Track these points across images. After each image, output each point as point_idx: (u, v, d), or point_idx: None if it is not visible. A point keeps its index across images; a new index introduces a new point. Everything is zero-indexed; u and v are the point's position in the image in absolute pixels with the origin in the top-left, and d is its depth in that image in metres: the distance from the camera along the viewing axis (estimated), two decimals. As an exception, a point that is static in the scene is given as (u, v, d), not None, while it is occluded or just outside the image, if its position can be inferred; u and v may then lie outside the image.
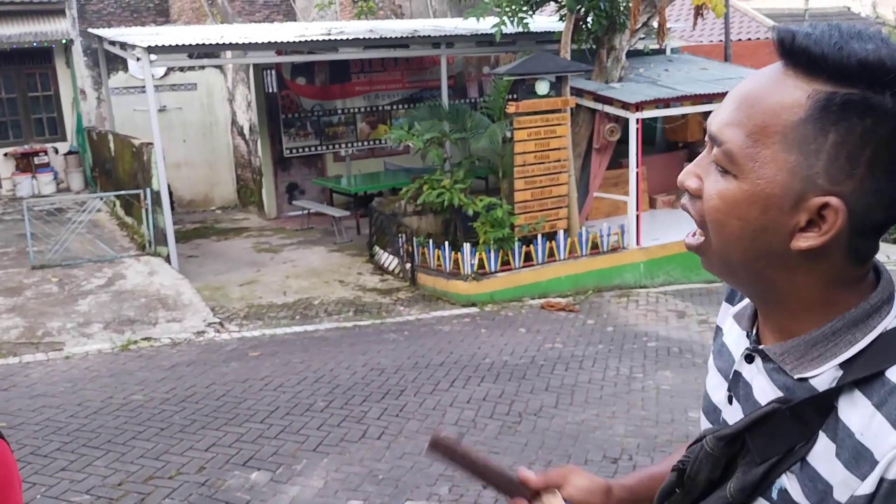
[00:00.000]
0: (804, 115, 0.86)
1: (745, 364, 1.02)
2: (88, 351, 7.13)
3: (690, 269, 10.18)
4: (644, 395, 6.15)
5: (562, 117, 9.46)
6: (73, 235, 9.94)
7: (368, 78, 13.86)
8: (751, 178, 0.88)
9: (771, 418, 0.94)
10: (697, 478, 1.01)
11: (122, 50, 10.84)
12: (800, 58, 0.87)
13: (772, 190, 0.88)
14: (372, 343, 7.45)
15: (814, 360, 0.92)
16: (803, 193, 0.87)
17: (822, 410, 0.90)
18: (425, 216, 10.40)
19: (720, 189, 0.91)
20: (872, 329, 0.91)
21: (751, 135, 0.88)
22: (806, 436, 0.91)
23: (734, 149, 0.89)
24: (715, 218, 0.92)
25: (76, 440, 5.23)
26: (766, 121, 0.88)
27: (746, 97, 0.91)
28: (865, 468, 0.84)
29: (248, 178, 14.39)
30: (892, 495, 0.82)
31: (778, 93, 0.88)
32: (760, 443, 0.95)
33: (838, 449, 0.87)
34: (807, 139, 0.86)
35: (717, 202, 0.91)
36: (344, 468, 4.89)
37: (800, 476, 0.91)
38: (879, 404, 0.85)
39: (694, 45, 14.35)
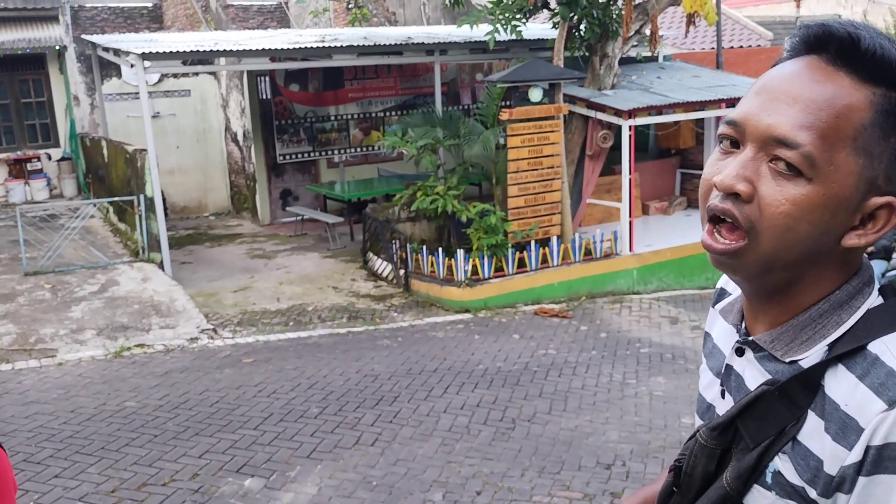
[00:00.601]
0: (869, 120, 0.88)
1: (736, 357, 1.04)
2: (81, 357, 7.11)
3: (683, 276, 10.23)
4: (637, 401, 6.17)
5: (555, 124, 9.50)
6: (66, 242, 9.92)
7: (362, 84, 13.89)
8: (827, 181, 0.88)
9: (760, 401, 0.96)
10: (694, 473, 1.03)
11: (116, 56, 10.84)
12: (861, 60, 0.89)
13: (844, 193, 0.89)
14: (366, 349, 7.45)
15: (803, 344, 0.95)
16: (866, 195, 0.90)
17: (809, 388, 0.92)
18: (419, 222, 10.42)
19: (792, 194, 0.89)
20: (857, 309, 0.94)
21: (825, 137, 0.88)
22: (796, 415, 0.93)
23: (815, 152, 0.88)
24: (782, 223, 0.90)
25: (69, 447, 5.21)
26: (839, 124, 0.88)
27: (807, 97, 0.90)
28: (852, 437, 0.87)
29: (242, 185, 14.39)
30: (879, 461, 0.85)
31: (844, 96, 0.89)
32: (752, 427, 0.96)
33: (826, 423, 0.90)
34: (873, 143, 0.88)
35: (788, 207, 0.89)
36: (338, 475, 4.89)
37: (792, 455, 0.93)
38: (862, 375, 0.88)
39: (686, 52, 14.43)
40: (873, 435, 0.85)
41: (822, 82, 0.90)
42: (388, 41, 11.16)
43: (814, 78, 0.90)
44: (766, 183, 0.90)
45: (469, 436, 5.49)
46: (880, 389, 0.86)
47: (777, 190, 0.89)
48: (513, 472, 4.92)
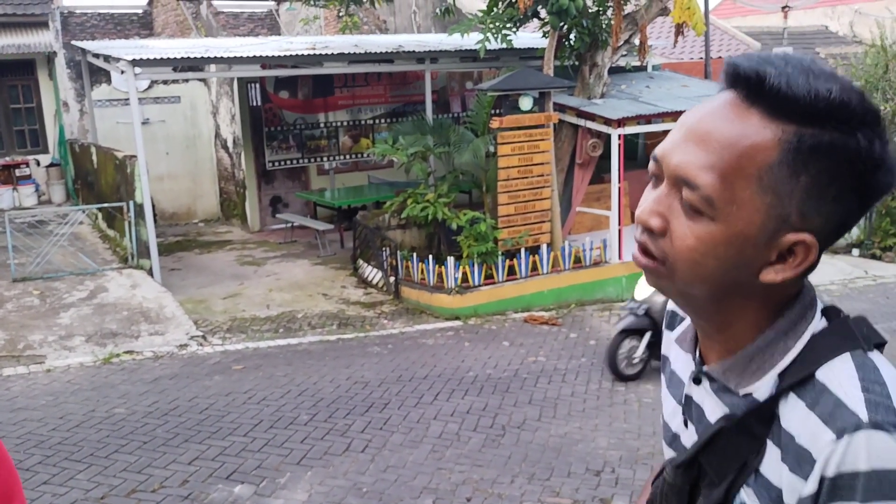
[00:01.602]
0: (776, 158, 0.87)
1: (694, 386, 1.05)
2: (70, 364, 7.08)
3: (672, 284, 10.28)
4: (626, 408, 6.20)
5: (545, 132, 9.55)
6: (55, 248, 9.88)
7: (351, 92, 13.93)
8: (729, 220, 0.89)
9: (720, 437, 0.97)
10: None
11: (106, 63, 10.83)
12: (768, 97, 0.88)
13: (749, 230, 0.89)
14: (356, 356, 7.46)
15: (754, 374, 0.95)
16: (777, 231, 0.89)
17: (765, 420, 0.93)
18: (409, 230, 10.44)
19: (697, 231, 0.90)
20: (801, 334, 0.95)
21: (726, 178, 0.88)
22: (755, 448, 0.94)
23: (713, 194, 0.88)
24: (690, 258, 0.91)
25: (58, 454, 5.19)
26: (742, 164, 0.88)
27: (713, 137, 0.90)
28: (807, 468, 0.87)
29: (232, 191, 14.38)
30: (833, 491, 0.85)
31: (749, 134, 0.88)
32: (715, 462, 0.97)
33: (783, 454, 0.91)
34: (780, 182, 0.87)
35: (693, 243, 0.90)
36: (328, 481, 4.89)
37: (755, 487, 0.94)
38: (812, 405, 0.89)
39: (675, 62, 14.54)
40: (826, 466, 0.85)
41: (733, 120, 0.89)
42: (379, 49, 11.20)
43: (726, 116, 0.90)
44: (676, 218, 0.92)
45: (459, 442, 5.50)
46: (829, 420, 0.86)
47: (685, 225, 0.91)
48: (503, 479, 4.94)
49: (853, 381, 0.88)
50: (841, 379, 0.89)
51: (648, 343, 6.66)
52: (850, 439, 0.84)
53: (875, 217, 13.59)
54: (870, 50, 14.01)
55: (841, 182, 0.88)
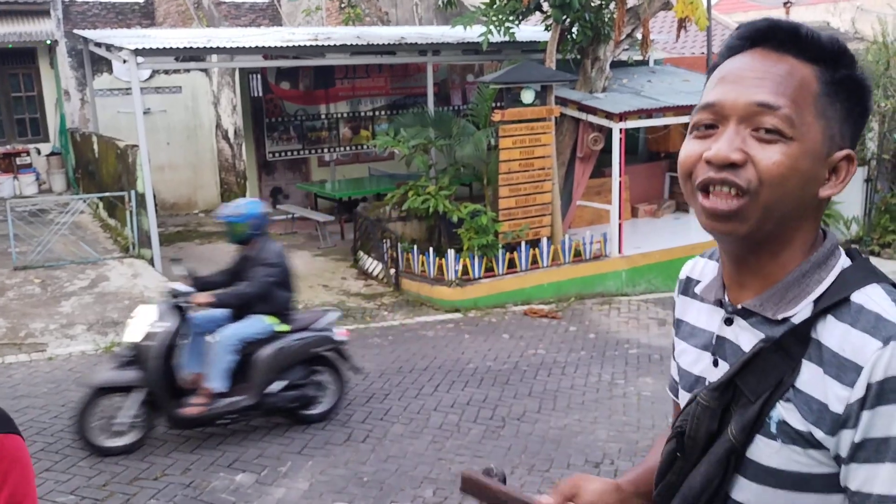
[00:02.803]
0: (819, 89, 1.05)
1: (727, 328, 1.13)
2: (72, 352, 7.11)
3: (671, 278, 10.27)
4: (625, 401, 6.24)
5: (546, 126, 9.56)
6: (56, 237, 9.89)
7: (352, 83, 13.92)
8: (804, 139, 1.03)
9: (758, 358, 1.06)
10: (698, 434, 1.10)
11: (108, 52, 10.81)
12: (803, 45, 1.06)
13: (817, 148, 1.04)
14: (356, 347, 7.45)
15: (791, 302, 1.06)
16: (830, 150, 1.06)
17: (802, 340, 1.03)
18: (410, 222, 10.45)
19: (780, 151, 1.03)
20: (832, 268, 1.07)
21: (796, 102, 1.04)
22: (791, 366, 1.03)
23: (792, 114, 1.03)
24: (779, 174, 1.02)
25: (60, 441, 5.22)
26: (802, 92, 1.04)
27: (770, 75, 1.05)
28: (852, 377, 0.97)
29: (232, 182, 14.38)
30: (881, 394, 0.95)
31: (797, 71, 1.05)
32: (751, 382, 1.06)
33: (825, 368, 1.00)
34: (826, 107, 1.05)
35: (780, 158, 1.02)
36: (329, 471, 4.93)
37: (795, 403, 1.02)
38: (853, 322, 1.00)
39: (676, 56, 14.53)
40: (873, 371, 0.95)
41: (778, 63, 1.06)
42: (382, 41, 11.19)
43: (769, 61, 1.06)
44: (755, 149, 1.03)
45: (459, 433, 5.54)
46: (873, 331, 0.97)
47: (767, 149, 1.03)
48: (503, 469, 4.96)
49: (888, 302, 1.00)
50: (876, 299, 1.01)
51: (143, 401, 5.00)
52: None
53: (874, 214, 13.61)
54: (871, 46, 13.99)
55: (857, 105, 1.08)
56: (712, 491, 1.08)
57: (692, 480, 1.10)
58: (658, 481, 1.16)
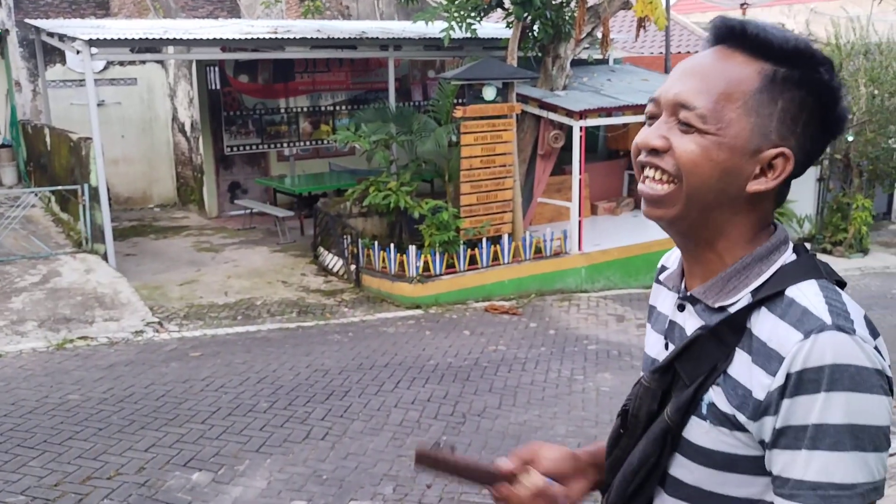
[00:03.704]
0: (758, 86, 1.08)
1: (679, 313, 1.20)
2: (22, 349, 6.92)
3: (629, 275, 10.42)
4: (584, 397, 6.29)
5: (508, 123, 9.58)
6: (6, 231, 9.63)
7: (312, 78, 13.79)
8: (719, 133, 1.08)
9: (695, 344, 1.11)
10: (640, 413, 1.17)
11: (61, 42, 10.54)
12: (749, 42, 1.09)
13: (736, 143, 1.08)
14: (316, 344, 7.42)
15: (731, 292, 1.12)
16: (760, 146, 1.08)
17: (736, 329, 1.08)
18: (371, 218, 10.40)
19: (696, 141, 1.09)
20: (774, 263, 1.12)
21: (717, 101, 1.08)
22: (725, 353, 1.08)
23: (706, 112, 1.08)
24: (691, 160, 1.09)
25: (10, 440, 5.08)
26: (729, 89, 1.08)
27: (705, 72, 1.11)
28: (775, 366, 1.01)
29: (189, 176, 14.15)
30: (799, 384, 0.99)
31: (733, 68, 1.09)
32: (688, 367, 1.11)
33: (753, 357, 1.05)
34: (761, 105, 1.08)
35: (693, 148, 1.09)
36: (287, 468, 4.87)
37: (724, 387, 1.07)
38: (782, 315, 1.04)
39: (635, 56, 14.69)
40: (793, 362, 0.99)
41: (721, 60, 1.11)
42: (342, 35, 11.10)
43: (715, 58, 1.11)
44: (675, 137, 1.10)
45: (420, 430, 5.52)
46: (797, 324, 1.01)
47: (683, 140, 1.09)
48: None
49: (818, 297, 1.04)
50: (807, 294, 1.05)
51: None
52: (816, 338, 0.99)
53: (826, 212, 13.92)
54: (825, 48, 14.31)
55: (809, 110, 1.09)
56: (650, 467, 1.14)
57: (632, 457, 1.17)
58: (607, 456, 1.24)
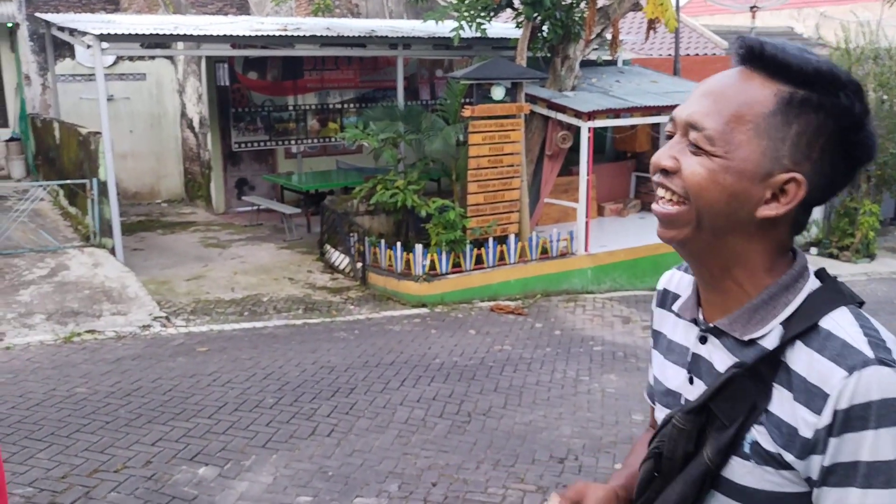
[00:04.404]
0: (772, 109, 1.05)
1: (701, 345, 1.16)
2: (30, 342, 6.95)
3: (636, 277, 10.42)
4: (590, 398, 6.29)
5: (516, 123, 9.59)
6: (15, 224, 9.67)
7: (321, 75, 13.81)
8: (728, 156, 1.05)
9: (731, 384, 1.08)
10: (675, 455, 1.12)
11: (72, 36, 10.58)
12: (767, 63, 1.06)
13: (745, 166, 1.05)
14: (322, 341, 7.44)
15: (758, 324, 1.09)
16: (771, 171, 1.05)
17: (773, 365, 1.06)
18: (377, 216, 10.41)
19: (703, 163, 1.07)
20: (800, 291, 1.09)
21: (728, 122, 1.06)
22: (764, 391, 1.06)
23: (714, 134, 1.06)
24: (698, 182, 1.07)
25: (17, 432, 5.11)
26: (741, 111, 1.06)
27: (720, 92, 1.09)
28: (819, 403, 0.99)
29: (197, 172, 14.18)
30: (846, 422, 0.97)
31: (749, 90, 1.06)
32: (725, 407, 1.08)
33: (795, 394, 1.03)
34: (775, 128, 1.04)
35: (700, 170, 1.07)
36: (293, 464, 4.89)
37: (767, 426, 1.05)
38: (820, 349, 1.02)
39: (644, 57, 14.67)
40: (839, 399, 0.97)
41: (739, 81, 1.08)
42: (352, 33, 11.12)
43: (733, 78, 1.09)
44: (685, 158, 1.09)
45: (425, 428, 5.53)
46: (838, 359, 0.99)
47: (693, 161, 1.07)
48: (468, 465, 4.98)
49: (855, 328, 1.02)
50: (843, 325, 1.03)
51: None
52: (861, 374, 0.97)
53: (833, 217, 13.89)
54: (834, 52, 14.27)
55: (828, 136, 1.05)
56: None
57: (667, 498, 1.13)
58: (637, 496, 1.20)
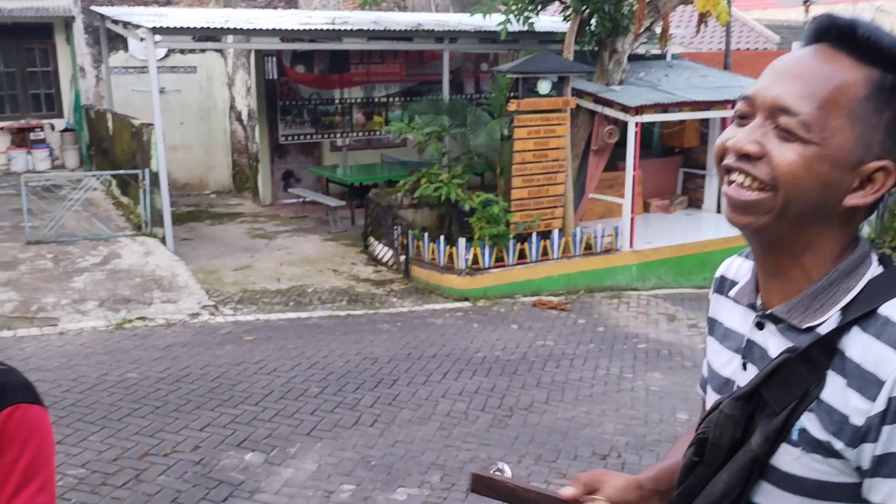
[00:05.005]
0: (865, 94, 1.01)
1: (757, 331, 1.13)
2: (83, 328, 7.14)
3: (681, 274, 10.29)
4: (633, 395, 6.24)
5: (562, 117, 9.53)
6: (69, 213, 9.92)
7: (367, 69, 13.88)
8: (822, 143, 1.01)
9: (783, 368, 1.05)
10: (721, 442, 1.10)
11: (125, 29, 10.82)
12: (858, 44, 1.02)
13: (839, 154, 1.01)
14: (365, 332, 7.50)
15: (818, 311, 1.06)
16: (863, 158, 1.02)
17: (827, 351, 1.02)
18: (421, 209, 10.45)
19: (797, 151, 1.02)
20: (861, 276, 1.06)
21: (822, 107, 1.01)
22: (817, 377, 1.02)
23: (810, 119, 1.01)
24: (791, 171, 1.02)
25: (71, 415, 5.26)
26: (835, 96, 1.01)
27: (808, 74, 1.03)
28: (874, 391, 0.97)
29: (244, 164, 14.39)
30: None
31: (839, 73, 1.02)
32: (776, 392, 1.05)
33: (848, 380, 1.00)
34: (867, 115, 1.01)
35: (794, 158, 1.02)
36: (337, 453, 4.95)
37: (817, 412, 1.02)
38: (878, 335, 0.99)
39: (693, 51, 14.47)
40: (894, 387, 0.95)
41: (824, 62, 1.03)
42: (399, 27, 11.16)
43: (817, 59, 1.04)
44: (773, 144, 1.03)
45: (467, 421, 5.55)
46: None
47: (783, 147, 1.02)
48: (510, 458, 4.98)
49: None
50: None
51: None
52: None
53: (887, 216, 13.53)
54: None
55: None
56: (734, 497, 1.08)
57: (714, 486, 1.11)
58: (679, 483, 1.17)
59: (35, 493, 1.87)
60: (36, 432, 1.93)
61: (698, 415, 1.40)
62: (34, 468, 1.90)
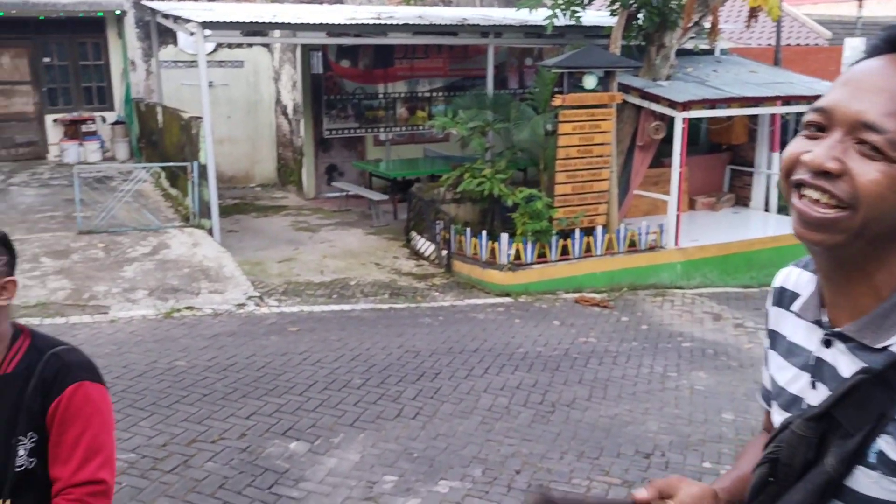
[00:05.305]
0: None
1: (825, 349, 1.10)
2: (133, 316, 7.31)
3: (727, 273, 10.14)
4: (678, 394, 6.18)
5: (607, 112, 9.45)
6: (120, 203, 10.14)
7: (411, 64, 13.92)
8: None
9: (857, 390, 1.02)
10: (793, 462, 1.08)
11: (175, 23, 11.00)
12: None
13: None
14: (407, 326, 7.55)
15: (889, 330, 1.02)
16: None
17: None
18: (464, 204, 10.46)
19: (882, 170, 0.98)
20: None
21: None
22: (893, 399, 0.99)
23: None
24: (876, 192, 0.98)
25: (122, 400, 5.38)
26: None
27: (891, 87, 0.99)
28: None
29: (289, 158, 14.55)
30: None
31: None
32: (851, 414, 1.02)
33: None
34: None
35: (879, 177, 0.98)
36: (380, 444, 4.99)
37: (895, 435, 0.99)
38: None
39: (742, 47, 14.21)
40: None
41: None
42: (444, 21, 11.18)
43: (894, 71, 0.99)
44: (855, 161, 0.99)
45: (509, 416, 5.55)
46: None
47: (867, 165, 0.98)
48: (552, 454, 4.97)
49: None
50: None
51: None
52: None
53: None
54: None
55: None
56: None
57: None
58: (750, 500, 1.16)
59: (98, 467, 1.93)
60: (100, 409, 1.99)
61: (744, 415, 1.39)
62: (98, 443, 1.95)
